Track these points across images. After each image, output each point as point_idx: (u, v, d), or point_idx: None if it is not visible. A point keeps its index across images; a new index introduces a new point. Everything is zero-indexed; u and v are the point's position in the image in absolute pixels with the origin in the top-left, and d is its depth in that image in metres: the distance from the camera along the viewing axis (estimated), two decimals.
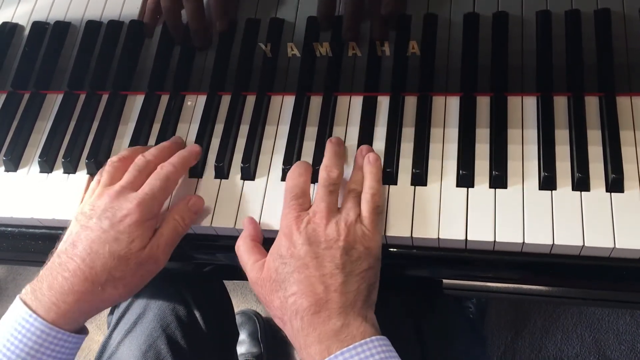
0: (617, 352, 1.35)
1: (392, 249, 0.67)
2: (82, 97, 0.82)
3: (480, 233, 0.62)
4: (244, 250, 0.64)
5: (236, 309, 1.52)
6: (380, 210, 0.63)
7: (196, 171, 0.72)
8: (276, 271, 0.60)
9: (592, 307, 1.37)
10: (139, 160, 0.67)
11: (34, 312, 0.60)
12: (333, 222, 0.60)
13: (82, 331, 0.64)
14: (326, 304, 0.56)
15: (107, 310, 1.57)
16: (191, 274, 0.87)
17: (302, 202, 0.63)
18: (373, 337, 0.55)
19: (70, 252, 0.62)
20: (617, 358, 1.35)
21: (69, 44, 0.80)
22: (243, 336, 1.44)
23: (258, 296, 0.62)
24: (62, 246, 0.63)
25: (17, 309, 0.60)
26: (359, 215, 0.62)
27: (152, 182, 0.65)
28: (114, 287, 0.62)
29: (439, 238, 0.63)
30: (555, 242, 0.60)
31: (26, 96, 0.83)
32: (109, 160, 0.68)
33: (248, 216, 0.68)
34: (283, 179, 0.70)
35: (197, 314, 0.84)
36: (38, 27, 0.83)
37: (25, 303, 0.60)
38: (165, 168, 0.66)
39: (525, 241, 0.61)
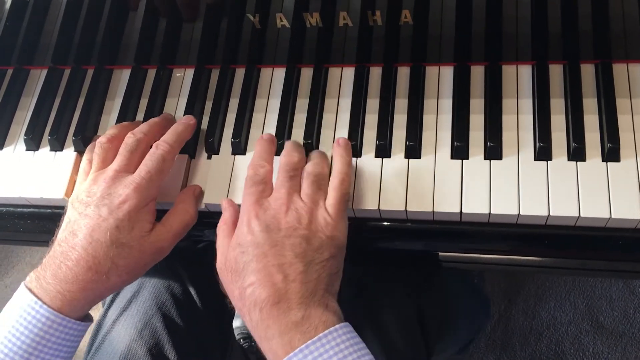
0: (609, 319, 1.36)
1: (385, 223, 0.66)
2: (67, 72, 0.80)
3: (475, 205, 0.62)
4: (222, 233, 0.62)
5: None
6: (348, 198, 0.61)
7: (186, 147, 0.71)
8: (235, 260, 0.58)
9: (588, 277, 1.37)
10: (129, 139, 0.65)
11: (40, 299, 0.59)
12: (293, 209, 0.58)
13: (87, 319, 0.64)
14: (285, 294, 0.55)
15: None
16: (185, 251, 0.86)
17: (262, 189, 0.61)
18: (336, 326, 0.54)
19: (70, 242, 0.60)
20: (609, 324, 1.36)
21: (51, 17, 0.77)
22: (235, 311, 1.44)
23: (221, 283, 0.61)
24: (61, 235, 0.62)
25: (22, 297, 0.60)
26: (323, 200, 0.60)
27: (148, 163, 0.63)
28: (117, 275, 0.61)
29: (433, 211, 0.62)
30: (550, 214, 0.60)
31: (9, 72, 0.81)
32: (97, 141, 0.66)
33: (227, 199, 0.66)
34: (276, 153, 0.69)
35: (193, 291, 0.84)
36: (19, 0, 0.80)
37: (30, 291, 0.60)
38: (161, 148, 0.64)
39: (521, 213, 0.60)
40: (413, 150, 0.66)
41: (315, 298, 0.55)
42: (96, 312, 1.55)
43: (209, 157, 0.71)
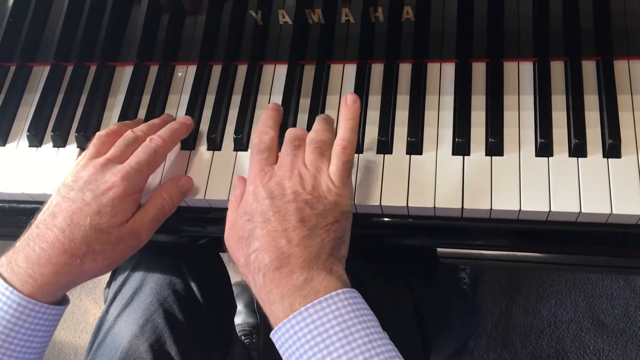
0: (610, 317, 1.37)
1: (387, 219, 0.66)
2: (70, 68, 0.80)
3: (477, 201, 0.62)
4: (232, 206, 0.63)
5: (232, 281, 1.52)
6: (350, 165, 0.61)
7: (188, 143, 0.71)
8: (241, 228, 0.58)
9: (589, 273, 1.37)
10: (128, 134, 0.66)
11: (10, 284, 0.58)
12: (297, 175, 0.58)
13: (63, 302, 0.63)
14: (288, 258, 0.55)
15: (104, 284, 1.57)
16: (187, 246, 0.86)
17: (266, 156, 0.61)
18: (338, 291, 0.53)
19: (49, 223, 0.60)
20: (610, 322, 1.36)
21: (54, 14, 0.78)
22: (239, 307, 1.45)
23: (229, 253, 0.61)
24: (41, 216, 0.61)
25: None
26: (326, 167, 0.59)
27: (139, 154, 0.63)
28: (93, 260, 0.60)
29: (435, 207, 0.63)
30: (552, 209, 0.60)
31: (12, 68, 0.82)
32: (96, 133, 0.67)
33: (240, 176, 0.66)
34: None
35: (194, 287, 0.84)
36: None
37: (1, 275, 0.59)
38: (154, 141, 0.65)
39: (522, 209, 0.61)
40: (414, 146, 0.66)
41: (318, 262, 0.55)
42: (98, 309, 1.55)
43: (211, 153, 0.71)
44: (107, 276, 0.88)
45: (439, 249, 0.72)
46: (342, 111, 0.63)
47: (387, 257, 0.82)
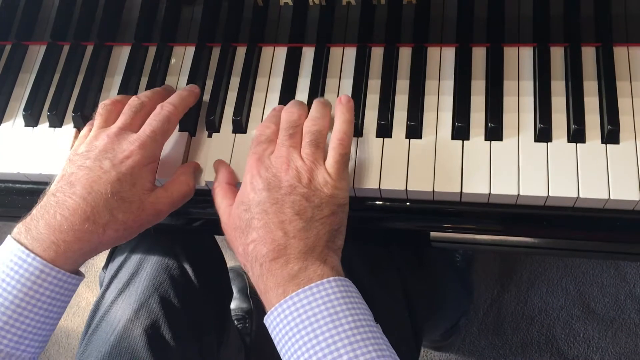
0: (600, 304, 1.38)
1: (385, 202, 0.66)
2: (66, 48, 0.79)
3: (476, 186, 0.62)
4: (218, 194, 0.63)
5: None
6: (347, 158, 0.61)
7: (187, 125, 0.71)
8: (239, 218, 0.59)
9: (585, 258, 1.38)
10: (133, 101, 0.65)
11: (31, 251, 0.57)
12: (293, 167, 0.59)
13: (78, 274, 0.63)
14: (284, 249, 0.56)
15: (97, 268, 1.57)
16: (182, 229, 0.86)
17: (265, 147, 0.62)
18: (330, 278, 0.54)
19: (67, 191, 0.59)
20: (600, 310, 1.37)
21: None
22: (233, 292, 1.45)
23: (227, 242, 0.62)
24: (56, 186, 0.61)
25: (10, 248, 0.58)
26: (322, 159, 0.60)
27: (152, 123, 0.63)
28: (114, 230, 0.60)
29: (433, 191, 0.63)
30: (550, 194, 0.60)
31: (7, 47, 0.81)
32: (101, 103, 0.66)
33: (217, 159, 0.66)
34: None
35: (189, 270, 0.84)
36: None
37: (19, 242, 0.58)
38: (166, 108, 0.64)
39: (521, 193, 0.61)
40: (414, 131, 0.66)
41: (314, 253, 0.56)
42: (90, 293, 1.54)
43: (210, 135, 0.71)
44: (102, 260, 0.88)
45: (433, 234, 0.72)
46: (337, 108, 0.63)
47: (379, 243, 0.82)
